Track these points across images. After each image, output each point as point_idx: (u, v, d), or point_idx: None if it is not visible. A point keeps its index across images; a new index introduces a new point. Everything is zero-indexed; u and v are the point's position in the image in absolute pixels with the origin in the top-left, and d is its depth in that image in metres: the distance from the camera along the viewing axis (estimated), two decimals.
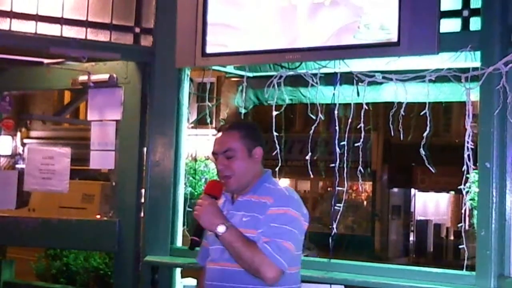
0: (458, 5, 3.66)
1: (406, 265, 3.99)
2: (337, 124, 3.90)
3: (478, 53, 3.55)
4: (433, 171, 3.73)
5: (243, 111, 4.58)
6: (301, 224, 2.66)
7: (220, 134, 2.76)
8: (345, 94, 3.98)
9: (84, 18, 4.41)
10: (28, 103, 22.20)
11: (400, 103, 3.74)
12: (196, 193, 5.06)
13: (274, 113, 4.19)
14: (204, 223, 2.56)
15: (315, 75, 3.99)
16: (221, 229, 2.53)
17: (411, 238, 21.19)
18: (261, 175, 2.76)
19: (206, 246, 2.85)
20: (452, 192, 20.74)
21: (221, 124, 2.88)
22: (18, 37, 4.28)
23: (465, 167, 3.54)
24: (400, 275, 3.67)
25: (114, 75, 4.71)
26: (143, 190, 4.61)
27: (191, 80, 4.56)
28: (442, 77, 3.66)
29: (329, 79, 4.04)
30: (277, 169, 4.00)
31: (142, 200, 4.62)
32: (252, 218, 2.63)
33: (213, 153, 2.75)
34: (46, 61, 4.81)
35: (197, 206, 2.60)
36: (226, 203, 2.78)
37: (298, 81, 4.28)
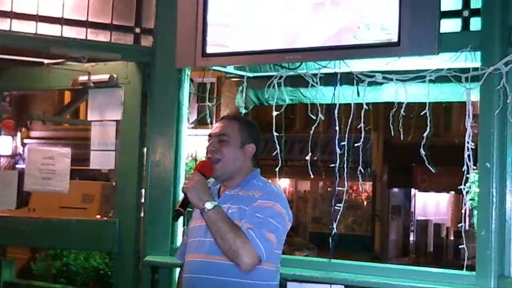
0: (458, 5, 3.66)
1: (406, 265, 3.99)
2: (337, 124, 3.90)
3: (478, 53, 3.55)
4: (433, 171, 3.73)
5: (243, 111, 4.58)
6: (286, 221, 2.67)
7: (221, 121, 2.86)
8: (345, 94, 3.98)
9: (84, 19, 4.41)
10: (28, 103, 22.18)
11: (400, 103, 3.74)
12: None
13: (274, 113, 4.20)
14: (192, 197, 2.57)
15: (315, 75, 3.99)
16: (208, 205, 2.54)
17: (411, 238, 21.20)
18: (250, 172, 2.80)
19: (187, 242, 2.86)
20: (452, 192, 20.74)
21: (224, 115, 2.95)
22: (18, 37, 4.28)
23: (465, 167, 3.54)
24: (400, 275, 3.68)
25: (114, 75, 4.71)
26: (143, 190, 4.61)
27: (191, 80, 4.56)
28: (442, 77, 3.66)
29: (329, 79, 4.04)
30: (277, 169, 4.01)
31: (142, 200, 4.63)
32: (239, 209, 2.66)
33: (209, 135, 2.82)
34: (46, 61, 4.81)
35: (186, 180, 2.63)
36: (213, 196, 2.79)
37: (298, 81, 4.28)
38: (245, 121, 2.91)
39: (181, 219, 4.41)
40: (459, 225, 3.64)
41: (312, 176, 3.89)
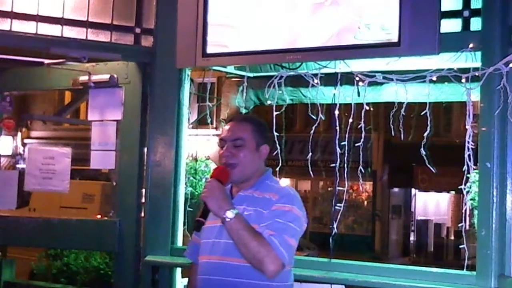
0: (458, 6, 3.66)
1: (406, 265, 3.99)
2: (337, 124, 3.90)
3: (478, 53, 3.55)
4: (433, 171, 3.74)
5: (243, 111, 4.58)
6: (303, 224, 2.67)
7: (231, 123, 2.77)
8: (346, 94, 3.98)
9: (84, 19, 4.41)
10: (29, 103, 22.21)
11: (400, 103, 3.74)
12: (196, 193, 5.07)
13: (275, 113, 4.19)
14: (213, 206, 2.53)
15: (315, 75, 3.99)
16: (230, 214, 2.50)
17: (411, 238, 21.20)
18: (263, 173, 2.76)
19: (196, 241, 2.85)
20: (453, 192, 20.74)
21: (233, 116, 2.88)
22: (18, 37, 4.28)
23: (465, 167, 3.54)
24: (400, 275, 3.67)
25: (115, 75, 4.71)
26: (143, 190, 4.61)
27: (191, 80, 4.56)
28: (443, 77, 3.66)
29: (330, 79, 4.04)
30: (277, 169, 4.01)
31: (143, 200, 4.63)
32: (255, 212, 2.62)
33: (221, 140, 2.73)
34: (46, 61, 4.81)
35: (205, 188, 2.58)
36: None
37: (298, 81, 4.28)
38: (257, 122, 2.81)
39: (180, 218, 4.45)
40: (460, 225, 3.64)
41: (312, 176, 3.89)
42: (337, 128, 3.90)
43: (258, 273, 2.53)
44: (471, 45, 3.52)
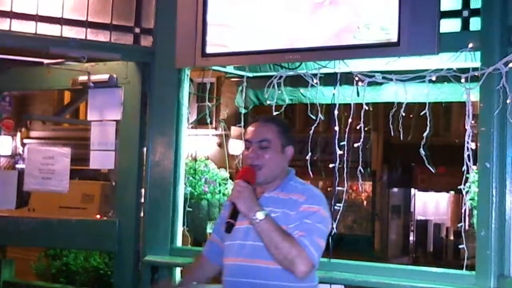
0: (458, 5, 3.66)
1: (405, 265, 3.99)
2: (337, 124, 3.90)
3: (478, 53, 3.55)
4: (433, 171, 3.74)
5: (243, 111, 4.58)
6: (329, 224, 2.67)
7: (256, 124, 2.74)
8: (345, 94, 3.98)
9: (84, 18, 4.41)
10: (28, 103, 22.19)
11: (400, 103, 3.74)
12: (196, 193, 5.08)
13: (274, 113, 4.19)
14: (243, 208, 2.50)
15: (315, 75, 3.99)
16: (260, 215, 2.48)
17: (411, 238, 21.18)
18: (287, 174, 2.76)
19: (215, 241, 2.85)
20: (452, 192, 20.73)
21: (258, 116, 2.85)
22: (18, 37, 4.28)
23: (465, 167, 3.54)
24: (400, 275, 3.68)
25: (114, 75, 4.71)
26: (143, 190, 4.61)
27: (191, 80, 4.56)
28: (442, 77, 3.66)
29: (329, 79, 4.04)
30: None
31: (142, 200, 4.63)
32: (283, 214, 2.61)
33: (247, 141, 2.72)
34: (46, 61, 4.81)
35: (234, 190, 2.57)
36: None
37: (298, 81, 4.28)
38: (282, 123, 2.80)
39: (180, 218, 4.45)
40: (459, 225, 3.64)
41: (311, 176, 3.89)
42: (337, 128, 3.90)
43: (287, 275, 2.53)
44: (470, 45, 3.52)
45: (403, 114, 3.72)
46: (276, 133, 2.70)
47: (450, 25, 3.64)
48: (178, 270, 4.39)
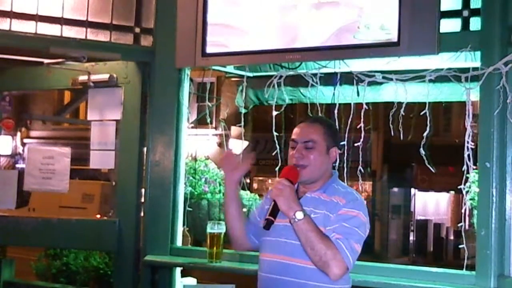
0: (458, 5, 3.66)
1: (405, 265, 3.99)
2: (337, 124, 3.90)
3: (478, 53, 3.55)
4: (433, 171, 3.74)
5: (243, 111, 4.58)
6: (367, 230, 2.68)
7: (303, 124, 2.78)
8: (345, 94, 3.98)
9: (84, 18, 4.41)
10: (28, 103, 22.20)
11: (400, 103, 3.74)
12: (196, 193, 5.07)
13: (274, 113, 4.20)
14: (283, 206, 2.52)
15: (315, 75, 3.99)
16: (299, 215, 2.50)
17: (411, 238, 21.18)
18: (330, 176, 2.78)
19: (253, 221, 2.88)
20: (452, 192, 20.74)
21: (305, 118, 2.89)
22: (18, 37, 4.28)
23: (465, 167, 3.54)
24: (400, 275, 3.67)
25: (114, 75, 4.71)
26: (143, 190, 4.61)
27: (191, 80, 4.56)
28: (442, 77, 3.66)
29: (329, 79, 4.04)
30: (277, 168, 4.02)
31: (142, 200, 4.63)
32: (322, 215, 2.63)
33: (293, 140, 2.74)
34: (46, 61, 4.81)
35: (274, 188, 2.58)
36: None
37: (298, 81, 4.28)
38: (329, 124, 2.85)
39: (180, 218, 4.44)
40: (459, 225, 3.64)
41: None
42: (337, 128, 3.90)
43: (322, 276, 2.55)
44: (470, 45, 3.51)
45: (403, 114, 3.72)
46: (322, 134, 2.73)
47: (450, 25, 3.63)
48: (178, 270, 4.39)
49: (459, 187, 3.61)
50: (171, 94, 4.46)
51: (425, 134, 3.66)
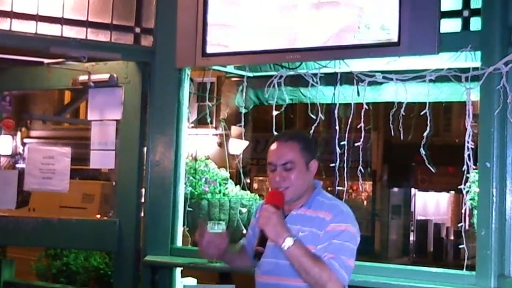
0: (458, 5, 3.66)
1: (406, 265, 3.99)
2: (337, 124, 3.90)
3: (478, 53, 3.55)
4: (433, 171, 3.74)
5: (243, 111, 4.58)
6: (358, 240, 2.65)
7: (278, 144, 2.71)
8: (345, 94, 3.98)
9: (84, 18, 4.41)
10: (29, 103, 22.21)
11: (400, 103, 3.74)
12: (196, 193, 5.07)
13: (274, 112, 4.20)
14: (271, 234, 2.49)
15: (315, 75, 3.99)
16: (289, 242, 2.47)
17: (411, 238, 21.18)
18: (313, 189, 2.74)
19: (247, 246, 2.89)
20: (452, 192, 20.74)
21: (277, 134, 2.84)
22: (18, 37, 4.28)
23: (465, 167, 3.54)
24: (400, 275, 3.67)
25: (114, 75, 4.71)
26: (143, 190, 4.61)
27: (191, 80, 4.56)
28: (442, 77, 3.66)
29: (329, 79, 4.04)
30: None
31: (142, 200, 4.63)
32: (310, 233, 2.60)
33: (270, 163, 2.69)
34: (46, 61, 4.81)
35: (261, 215, 2.54)
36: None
37: (298, 81, 4.28)
38: (304, 138, 2.78)
39: (180, 218, 4.45)
40: (459, 225, 3.64)
41: None
42: (337, 128, 3.90)
43: None
44: (470, 45, 3.51)
45: (403, 114, 3.72)
46: (299, 151, 2.68)
47: (450, 25, 3.64)
48: (178, 270, 4.39)
49: (459, 187, 3.61)
50: (171, 94, 4.46)
51: (425, 134, 3.66)
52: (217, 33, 4.06)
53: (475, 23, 3.59)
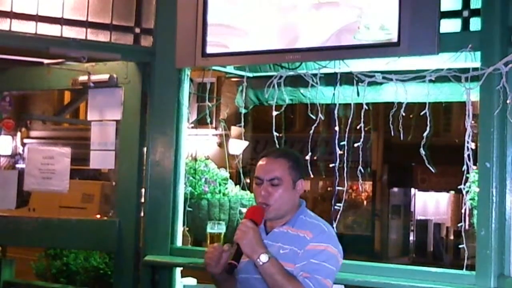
0: (458, 6, 3.66)
1: (406, 265, 3.99)
2: (337, 124, 3.90)
3: (478, 53, 3.55)
4: (433, 171, 3.74)
5: (243, 111, 4.58)
6: (339, 262, 2.62)
7: (267, 160, 2.70)
8: (345, 94, 3.98)
9: (84, 19, 4.41)
10: (28, 103, 22.20)
11: (400, 103, 3.74)
12: (196, 193, 5.07)
13: (274, 113, 4.20)
14: (246, 249, 2.47)
15: (315, 75, 3.99)
16: (263, 258, 2.44)
17: (411, 238, 21.18)
18: (298, 208, 2.72)
19: None
20: (452, 192, 20.74)
21: (267, 150, 2.80)
22: (18, 37, 4.28)
23: (465, 167, 3.54)
24: (400, 275, 3.68)
25: (114, 75, 4.71)
26: (143, 190, 4.61)
27: (191, 80, 4.56)
28: (442, 77, 3.66)
29: (329, 79, 4.04)
30: None
31: (142, 200, 4.63)
32: (291, 251, 2.58)
33: (257, 177, 2.68)
34: (46, 61, 4.81)
35: (238, 230, 2.52)
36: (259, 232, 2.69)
37: (298, 81, 4.28)
38: (293, 156, 2.75)
39: (180, 218, 4.45)
40: (459, 224, 3.64)
41: (312, 176, 3.88)
42: (337, 128, 3.91)
43: None
44: (470, 45, 3.52)
45: (403, 114, 3.72)
46: (287, 168, 2.67)
47: (450, 25, 3.64)
48: (178, 270, 4.39)
49: (459, 187, 3.61)
50: (171, 94, 4.46)
51: (425, 134, 3.66)
52: (217, 33, 4.06)
53: (475, 23, 3.59)
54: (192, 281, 4.43)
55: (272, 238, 2.63)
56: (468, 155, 3.54)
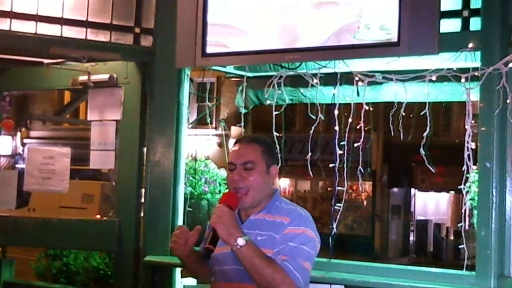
0: (458, 5, 3.66)
1: (406, 265, 3.99)
2: (337, 124, 3.90)
3: (478, 53, 3.55)
4: (433, 171, 3.74)
5: (243, 111, 4.58)
6: (317, 245, 2.61)
7: (240, 145, 2.70)
8: (345, 94, 3.98)
9: (84, 18, 4.41)
10: (28, 103, 22.21)
11: (400, 103, 3.74)
12: (196, 193, 5.08)
13: (274, 113, 4.19)
14: (223, 233, 2.43)
15: (315, 75, 3.99)
16: (240, 241, 2.42)
17: (411, 238, 21.18)
18: (272, 194, 2.71)
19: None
20: (452, 192, 20.74)
21: (239, 137, 2.80)
22: (18, 37, 4.28)
23: (465, 167, 3.54)
24: (400, 275, 3.68)
25: (114, 75, 4.71)
26: (143, 190, 4.61)
27: (191, 80, 4.56)
28: (442, 77, 3.66)
29: (329, 79, 4.04)
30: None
31: (142, 200, 4.63)
32: (268, 237, 2.56)
33: (230, 163, 2.67)
34: (46, 61, 4.82)
35: (214, 214, 2.50)
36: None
37: (298, 81, 4.28)
38: (266, 142, 2.74)
39: (180, 218, 4.45)
40: (459, 225, 3.64)
41: (312, 176, 3.88)
42: (337, 128, 3.91)
43: None
44: (470, 45, 3.52)
45: (403, 114, 3.72)
46: (260, 153, 2.66)
47: (450, 25, 3.64)
48: (178, 271, 4.39)
49: (459, 187, 3.61)
50: (171, 94, 4.46)
51: (425, 134, 3.66)
52: (217, 33, 4.06)
53: (475, 23, 3.59)
54: (192, 281, 4.43)
55: (248, 226, 2.61)
56: (468, 155, 3.54)
